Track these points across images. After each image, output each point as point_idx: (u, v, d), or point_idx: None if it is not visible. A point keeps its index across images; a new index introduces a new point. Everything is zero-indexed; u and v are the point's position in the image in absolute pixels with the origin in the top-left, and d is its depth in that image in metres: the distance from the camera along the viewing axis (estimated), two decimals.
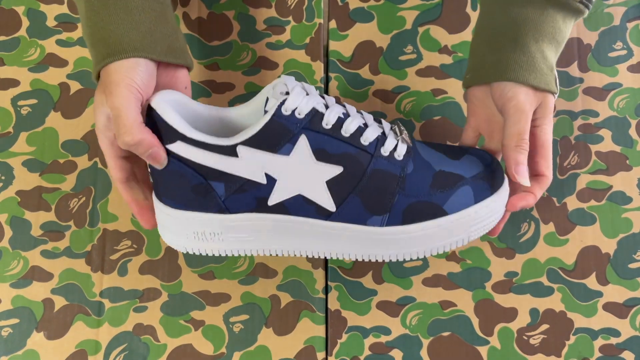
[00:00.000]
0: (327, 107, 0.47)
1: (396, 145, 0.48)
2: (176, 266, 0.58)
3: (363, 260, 0.49)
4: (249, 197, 0.47)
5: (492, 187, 0.49)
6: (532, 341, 0.57)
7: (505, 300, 0.58)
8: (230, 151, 0.45)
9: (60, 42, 0.62)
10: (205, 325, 0.57)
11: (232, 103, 0.61)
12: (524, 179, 0.48)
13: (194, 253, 0.50)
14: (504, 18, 0.50)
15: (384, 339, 0.57)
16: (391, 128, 0.49)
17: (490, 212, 0.49)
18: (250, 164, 0.46)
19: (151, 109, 0.46)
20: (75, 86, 0.62)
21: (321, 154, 0.46)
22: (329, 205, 0.47)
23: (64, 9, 0.63)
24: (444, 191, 0.48)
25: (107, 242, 0.59)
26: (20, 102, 0.61)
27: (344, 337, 0.57)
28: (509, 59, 0.49)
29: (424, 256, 0.49)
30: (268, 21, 0.63)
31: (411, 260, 0.49)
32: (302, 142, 0.46)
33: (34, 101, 0.61)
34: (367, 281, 0.58)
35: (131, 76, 0.45)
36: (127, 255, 0.58)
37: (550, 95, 0.50)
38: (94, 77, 0.48)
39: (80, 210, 0.59)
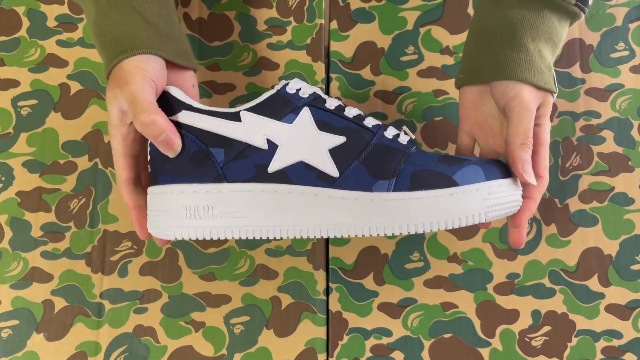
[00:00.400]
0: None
1: (398, 134, 0.48)
2: (176, 267, 0.58)
3: (370, 235, 0.46)
4: (249, 163, 0.46)
5: (502, 172, 0.48)
6: (534, 343, 0.57)
7: (507, 301, 0.57)
8: (234, 116, 0.46)
9: (60, 43, 0.62)
10: (206, 327, 0.57)
11: (232, 104, 0.61)
12: (531, 177, 0.48)
13: (183, 238, 0.46)
14: (499, 19, 0.49)
15: (385, 340, 0.57)
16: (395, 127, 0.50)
17: (504, 192, 0.47)
18: (253, 129, 0.46)
19: (163, 92, 0.48)
20: (75, 87, 0.61)
21: (324, 125, 0.46)
22: (332, 171, 0.46)
23: (64, 9, 0.63)
24: (452, 165, 0.47)
25: (107, 243, 0.58)
26: (21, 103, 0.61)
27: (345, 338, 0.57)
28: (507, 58, 0.48)
29: (438, 229, 0.45)
30: (269, 22, 0.63)
31: (424, 232, 0.45)
32: (305, 114, 0.47)
33: (34, 102, 0.61)
34: (368, 282, 0.58)
35: (144, 67, 0.46)
36: (127, 257, 0.58)
37: (549, 95, 0.49)
38: (105, 76, 0.48)
39: (81, 211, 0.59)
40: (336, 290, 0.58)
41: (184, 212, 0.46)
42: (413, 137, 0.49)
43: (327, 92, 0.62)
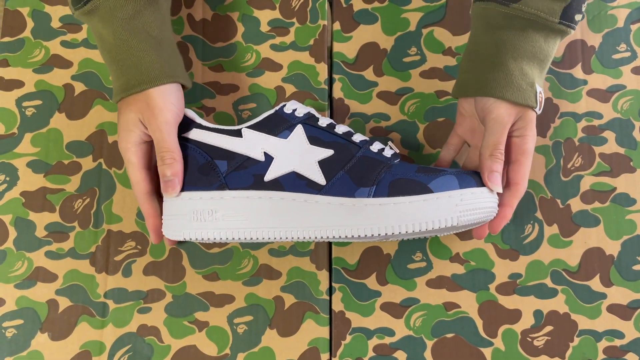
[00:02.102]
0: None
1: (384, 148, 0.53)
2: (180, 267, 0.58)
3: (353, 236, 0.49)
4: (248, 174, 0.51)
5: (477, 182, 0.51)
6: (536, 343, 0.57)
7: (509, 301, 0.58)
8: (236, 133, 0.52)
9: (64, 44, 0.63)
10: (209, 327, 0.57)
11: (236, 105, 0.61)
12: (496, 185, 0.51)
13: (191, 239, 0.51)
14: (488, 40, 0.53)
15: (387, 340, 0.57)
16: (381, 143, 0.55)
17: (477, 199, 0.50)
18: (252, 143, 0.52)
19: None
20: (79, 87, 0.62)
21: (315, 140, 0.52)
22: (320, 180, 0.51)
23: (68, 10, 0.63)
24: (428, 175, 0.51)
25: (111, 243, 0.59)
26: (25, 103, 0.61)
27: (348, 338, 0.57)
28: (488, 76, 0.52)
29: (413, 230, 0.49)
30: (272, 23, 0.63)
31: (400, 234, 0.49)
32: (299, 130, 0.52)
33: (38, 102, 0.61)
34: (371, 282, 0.58)
35: (170, 99, 0.52)
36: (131, 256, 0.58)
37: (529, 109, 0.53)
38: (120, 96, 0.52)
39: (85, 211, 0.59)
40: (339, 290, 0.58)
41: (191, 215, 0.51)
42: (397, 151, 0.53)
43: (330, 93, 0.62)
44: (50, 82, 0.62)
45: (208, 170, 0.52)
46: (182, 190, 0.52)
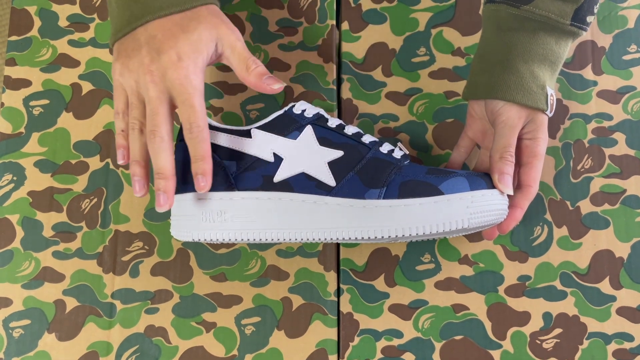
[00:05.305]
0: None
1: (393, 149, 0.52)
2: (188, 268, 0.58)
3: (362, 238, 0.49)
4: (257, 175, 0.51)
5: (487, 184, 0.51)
6: (545, 345, 0.57)
7: (518, 304, 0.57)
8: (245, 133, 0.52)
9: (72, 43, 0.62)
10: (217, 327, 0.57)
11: (244, 105, 0.61)
12: (507, 187, 0.51)
13: (199, 240, 0.51)
14: (498, 42, 0.53)
15: (396, 342, 0.57)
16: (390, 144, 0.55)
17: (487, 201, 0.50)
18: (261, 144, 0.51)
19: None
20: (87, 87, 0.62)
21: (324, 141, 0.51)
22: (330, 181, 0.50)
23: (75, 9, 0.63)
24: (439, 176, 0.50)
25: (118, 243, 0.58)
26: (32, 103, 0.61)
27: (356, 340, 0.57)
28: (499, 79, 0.52)
29: (423, 233, 0.48)
30: (280, 22, 0.63)
31: (410, 236, 0.49)
32: (309, 131, 0.52)
33: (45, 101, 0.61)
34: (379, 284, 0.58)
35: (223, 16, 0.50)
36: (138, 257, 0.58)
37: (540, 112, 0.53)
38: (167, 13, 0.48)
39: (92, 211, 0.59)
40: (347, 291, 0.58)
41: (200, 216, 0.51)
42: (407, 152, 0.53)
43: (339, 93, 0.62)
44: (58, 81, 0.62)
45: (217, 170, 0.52)
46: (192, 190, 0.52)
